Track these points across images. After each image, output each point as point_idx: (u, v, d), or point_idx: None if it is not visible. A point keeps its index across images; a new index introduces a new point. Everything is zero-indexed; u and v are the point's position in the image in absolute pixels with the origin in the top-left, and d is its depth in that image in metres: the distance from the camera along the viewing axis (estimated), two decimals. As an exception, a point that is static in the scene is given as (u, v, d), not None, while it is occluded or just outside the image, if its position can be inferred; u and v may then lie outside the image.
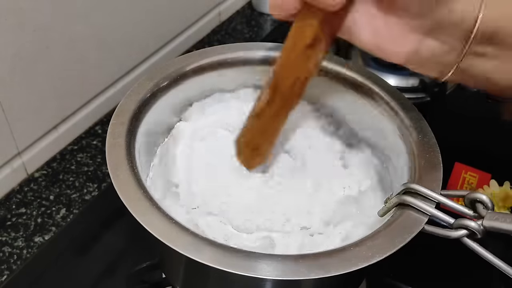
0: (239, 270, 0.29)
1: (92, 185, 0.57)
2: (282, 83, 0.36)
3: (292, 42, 0.34)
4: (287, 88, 0.36)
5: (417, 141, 0.40)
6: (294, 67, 0.35)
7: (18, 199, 0.55)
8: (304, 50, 0.33)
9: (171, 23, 0.71)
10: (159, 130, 0.45)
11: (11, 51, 0.50)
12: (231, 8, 0.83)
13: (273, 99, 0.37)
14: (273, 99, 0.37)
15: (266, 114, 0.38)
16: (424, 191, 0.34)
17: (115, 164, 0.36)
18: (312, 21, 0.32)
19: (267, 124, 0.39)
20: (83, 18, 0.56)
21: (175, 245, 0.31)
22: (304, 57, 0.34)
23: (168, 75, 0.45)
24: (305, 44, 0.33)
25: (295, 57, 0.34)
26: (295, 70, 0.35)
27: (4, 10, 0.48)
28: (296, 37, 0.33)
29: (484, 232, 0.32)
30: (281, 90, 0.36)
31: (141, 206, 0.33)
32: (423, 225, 0.33)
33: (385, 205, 0.37)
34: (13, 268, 0.49)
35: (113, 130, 0.39)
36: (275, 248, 0.38)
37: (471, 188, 0.55)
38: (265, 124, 0.39)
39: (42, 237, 0.52)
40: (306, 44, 0.33)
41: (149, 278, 0.48)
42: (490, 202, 0.32)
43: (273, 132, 0.40)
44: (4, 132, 0.53)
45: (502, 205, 0.53)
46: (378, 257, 0.31)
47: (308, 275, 0.29)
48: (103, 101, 0.64)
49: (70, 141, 0.62)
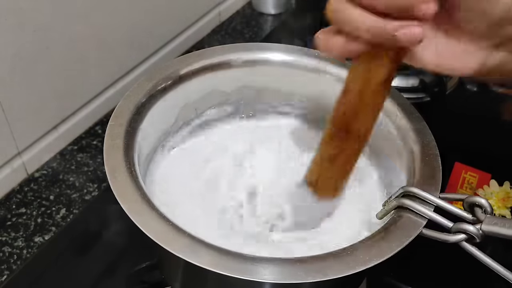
0: (236, 274, 0.29)
1: (92, 185, 0.57)
2: (357, 122, 0.34)
3: (363, 81, 0.32)
4: (364, 126, 0.35)
5: (417, 143, 0.40)
6: (368, 105, 0.33)
7: (18, 199, 0.55)
8: (378, 87, 0.32)
9: (171, 23, 0.71)
10: (158, 132, 0.45)
11: (11, 51, 0.50)
12: (231, 8, 0.83)
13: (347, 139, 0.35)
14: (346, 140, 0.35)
15: (341, 157, 0.37)
16: (423, 194, 0.34)
17: (113, 166, 0.36)
18: (384, 59, 0.31)
19: (341, 167, 0.38)
20: (83, 18, 0.56)
21: (172, 247, 0.31)
22: (378, 94, 0.33)
23: (167, 76, 0.45)
24: (379, 82, 0.32)
25: (368, 96, 0.33)
26: (369, 107, 0.34)
27: (4, 10, 0.48)
28: (367, 76, 0.32)
29: (483, 237, 0.32)
30: (356, 129, 0.35)
31: (138, 208, 0.33)
32: (421, 228, 0.33)
33: (383, 208, 0.37)
34: (13, 268, 0.49)
35: (111, 131, 0.39)
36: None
37: (471, 188, 0.55)
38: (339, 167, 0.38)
39: (42, 237, 0.52)
40: (381, 82, 0.32)
41: (149, 278, 0.48)
42: (489, 207, 0.32)
43: (348, 171, 0.38)
44: (4, 132, 0.53)
45: (502, 205, 0.53)
46: (375, 260, 0.31)
47: (305, 279, 0.29)
48: (103, 101, 0.64)
49: (70, 141, 0.62)
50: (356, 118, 0.34)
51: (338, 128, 0.35)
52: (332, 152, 0.37)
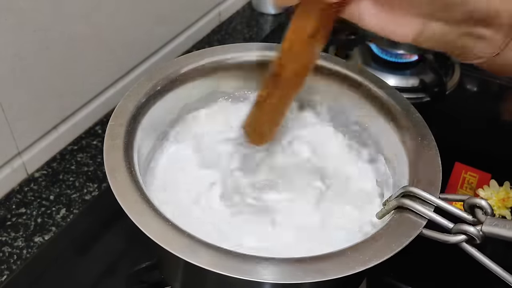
0: (236, 274, 0.29)
1: (92, 185, 0.57)
2: (286, 71, 0.38)
3: (294, 32, 0.36)
4: (291, 75, 0.38)
5: (417, 143, 0.40)
6: (297, 55, 0.37)
7: (18, 199, 0.55)
8: (306, 39, 0.36)
9: (171, 23, 0.71)
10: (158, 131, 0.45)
11: (11, 51, 0.50)
12: (231, 8, 0.83)
13: (277, 86, 0.39)
14: (276, 87, 0.39)
15: (271, 102, 0.40)
16: (423, 194, 0.34)
17: (113, 166, 0.36)
18: (312, 13, 0.34)
19: (272, 111, 0.42)
20: (83, 18, 0.56)
21: (171, 247, 0.31)
22: (306, 46, 0.37)
23: (167, 76, 0.44)
24: (307, 34, 0.36)
25: (298, 46, 0.37)
26: (298, 58, 0.37)
27: (4, 10, 0.48)
28: (298, 27, 0.36)
29: (483, 238, 0.32)
30: (285, 77, 0.38)
31: (138, 208, 0.33)
32: (421, 229, 0.33)
33: (383, 207, 0.37)
34: (13, 268, 0.49)
35: (111, 131, 0.39)
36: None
37: (471, 188, 0.54)
38: (270, 111, 0.41)
39: (42, 237, 0.52)
40: (308, 34, 0.35)
41: (148, 278, 0.48)
42: (489, 208, 0.32)
43: (278, 117, 0.42)
44: (4, 132, 0.53)
45: (502, 205, 0.53)
46: (375, 261, 0.31)
47: (304, 279, 0.29)
48: (103, 101, 0.64)
49: (70, 141, 0.62)
50: (287, 65, 0.38)
51: (272, 74, 0.39)
52: (263, 95, 0.40)
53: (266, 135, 0.44)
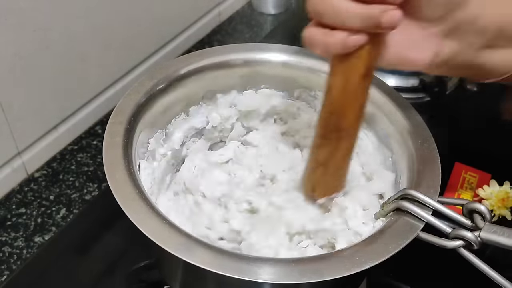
0: (232, 273, 0.29)
1: (92, 185, 0.57)
2: (345, 120, 0.35)
3: (344, 77, 0.33)
4: (352, 122, 0.35)
5: (417, 146, 0.40)
6: (353, 100, 0.34)
7: (18, 199, 0.56)
8: (360, 81, 0.33)
9: (171, 23, 0.71)
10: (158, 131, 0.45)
11: (11, 51, 0.50)
12: (231, 8, 0.83)
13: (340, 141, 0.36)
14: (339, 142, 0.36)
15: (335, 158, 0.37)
16: (422, 197, 0.34)
17: (112, 164, 0.36)
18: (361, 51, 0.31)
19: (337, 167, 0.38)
20: (83, 18, 0.56)
21: (168, 245, 0.31)
22: (361, 88, 0.34)
23: (167, 75, 0.45)
24: (360, 75, 0.32)
25: (352, 91, 0.33)
26: (354, 103, 0.34)
27: (4, 10, 0.48)
28: (348, 71, 0.33)
29: (481, 244, 0.32)
30: (345, 127, 0.35)
31: (136, 206, 0.33)
32: (419, 231, 0.33)
33: (382, 209, 0.37)
34: (13, 268, 0.49)
35: (111, 129, 0.39)
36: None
37: (471, 188, 0.54)
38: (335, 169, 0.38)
39: (42, 237, 0.52)
40: (361, 75, 0.32)
41: (147, 277, 0.48)
42: (488, 214, 0.32)
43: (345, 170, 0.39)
44: (4, 132, 0.53)
45: (502, 205, 0.52)
46: (371, 262, 0.30)
47: (300, 279, 0.29)
48: (103, 101, 0.64)
49: (70, 141, 0.62)
50: (343, 116, 0.35)
51: (328, 130, 0.36)
52: (325, 156, 0.37)
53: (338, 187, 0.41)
